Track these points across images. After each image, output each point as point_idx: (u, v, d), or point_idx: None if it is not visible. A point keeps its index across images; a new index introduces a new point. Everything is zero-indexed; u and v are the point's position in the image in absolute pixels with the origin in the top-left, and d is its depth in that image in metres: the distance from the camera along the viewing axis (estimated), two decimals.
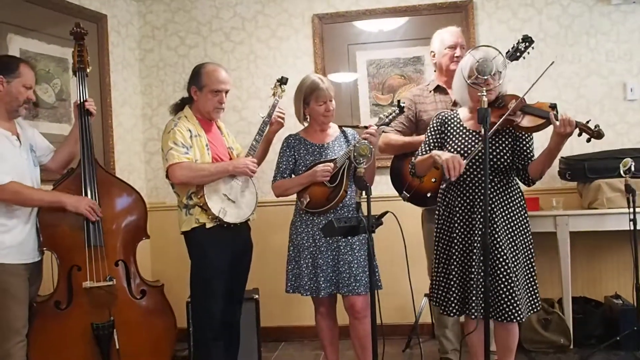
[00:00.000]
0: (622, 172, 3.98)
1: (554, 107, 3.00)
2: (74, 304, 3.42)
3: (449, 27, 3.97)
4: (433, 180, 3.71)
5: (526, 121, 3.08)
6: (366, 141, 3.26)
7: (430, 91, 3.97)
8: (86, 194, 3.45)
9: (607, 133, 4.62)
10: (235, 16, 5.19)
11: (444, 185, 3.21)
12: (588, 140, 3.00)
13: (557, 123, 2.92)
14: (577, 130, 2.96)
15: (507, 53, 3.39)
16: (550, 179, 4.74)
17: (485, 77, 2.97)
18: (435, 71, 4.07)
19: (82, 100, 3.56)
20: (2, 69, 3.29)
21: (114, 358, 3.46)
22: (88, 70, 3.67)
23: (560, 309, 4.38)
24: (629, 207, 3.97)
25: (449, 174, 2.99)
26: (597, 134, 2.95)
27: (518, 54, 3.28)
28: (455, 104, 3.63)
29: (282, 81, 3.80)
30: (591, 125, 2.96)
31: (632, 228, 3.95)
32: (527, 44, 3.28)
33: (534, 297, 3.21)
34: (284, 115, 3.75)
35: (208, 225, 3.50)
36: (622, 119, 4.76)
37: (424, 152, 3.34)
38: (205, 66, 3.62)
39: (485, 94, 2.90)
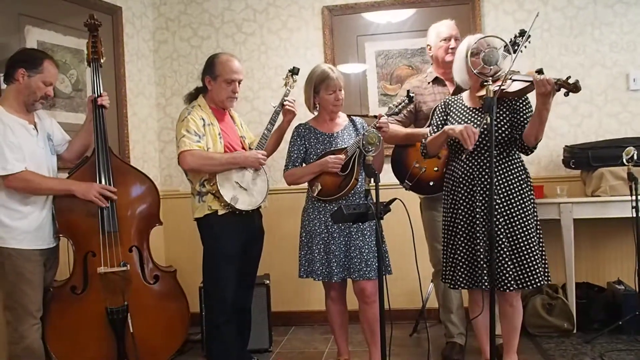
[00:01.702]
0: (624, 160, 4.02)
1: (539, 71, 3.03)
2: (89, 289, 3.48)
3: (443, 20, 4.02)
4: (435, 169, 3.79)
5: (513, 87, 3.14)
6: (375, 130, 3.34)
7: (429, 83, 4.02)
8: (100, 182, 3.50)
9: (610, 122, 4.76)
10: (247, 8, 5.23)
11: (464, 157, 3.24)
12: (566, 94, 2.96)
13: (538, 83, 2.95)
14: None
15: (504, 47, 3.46)
16: (554, 167, 4.82)
17: (492, 67, 3.03)
18: (432, 64, 4.12)
19: (97, 96, 3.61)
20: (26, 62, 3.34)
21: (129, 341, 3.52)
22: (102, 61, 3.71)
23: (564, 294, 4.43)
24: (631, 195, 4.02)
25: (466, 143, 3.07)
26: (574, 87, 2.93)
27: (515, 47, 3.34)
28: (454, 94, 3.69)
29: (294, 71, 3.87)
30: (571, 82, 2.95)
31: (634, 215, 4.00)
32: (523, 37, 3.34)
33: (534, 268, 3.22)
34: (294, 104, 3.80)
35: (220, 212, 3.55)
36: (625, 108, 4.79)
37: (432, 134, 3.42)
38: (219, 56, 3.67)
39: (491, 83, 2.96)
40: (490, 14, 4.93)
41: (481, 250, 3.19)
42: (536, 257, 3.23)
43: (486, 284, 3.16)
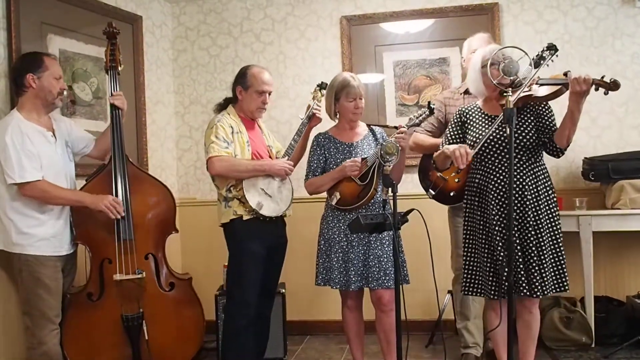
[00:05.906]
0: None
1: (566, 73, 3.03)
2: (105, 296, 3.52)
3: (477, 34, 4.03)
4: (457, 180, 3.80)
5: (543, 91, 3.12)
6: (393, 140, 3.34)
7: (461, 94, 4.04)
8: (117, 190, 3.53)
9: (631, 134, 4.70)
10: (266, 18, 5.26)
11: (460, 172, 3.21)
12: (606, 93, 2.98)
13: (573, 82, 2.95)
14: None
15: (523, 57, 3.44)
16: (573, 180, 4.77)
17: (511, 78, 3.02)
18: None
19: (110, 95, 3.65)
20: (30, 66, 3.37)
21: (143, 348, 3.55)
22: (120, 68, 3.76)
23: (583, 307, 4.38)
24: None
25: (457, 162, 3.07)
26: (613, 85, 2.94)
27: (542, 61, 3.32)
28: None
29: (322, 86, 3.90)
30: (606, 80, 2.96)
31: None
32: (551, 52, 3.32)
33: (560, 275, 3.21)
34: (320, 109, 3.83)
35: (245, 217, 3.59)
36: None
37: (444, 144, 3.41)
38: (251, 68, 3.75)
39: (510, 94, 2.94)
40: (510, 25, 4.91)
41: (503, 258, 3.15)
42: (562, 264, 3.23)
43: (496, 292, 3.16)
